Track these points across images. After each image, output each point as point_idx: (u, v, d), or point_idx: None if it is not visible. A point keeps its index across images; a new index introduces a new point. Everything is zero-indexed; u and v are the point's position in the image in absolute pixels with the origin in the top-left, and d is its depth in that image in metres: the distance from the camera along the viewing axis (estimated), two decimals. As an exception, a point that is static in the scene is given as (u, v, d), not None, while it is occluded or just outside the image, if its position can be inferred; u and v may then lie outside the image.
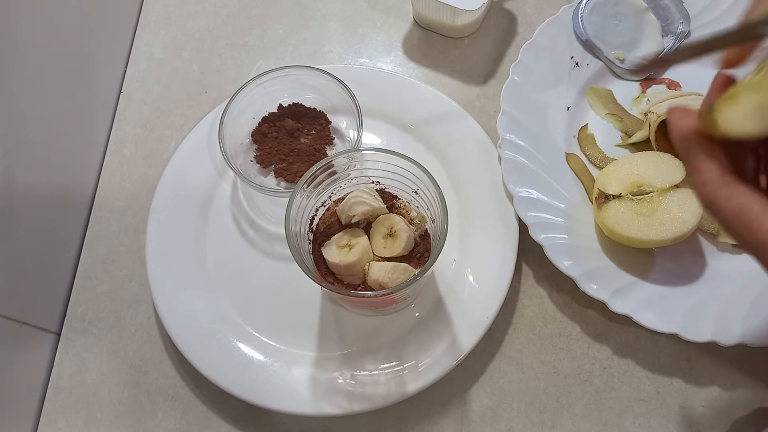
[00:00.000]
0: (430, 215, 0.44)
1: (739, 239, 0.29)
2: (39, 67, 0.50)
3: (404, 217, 0.45)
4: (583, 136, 0.54)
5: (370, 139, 0.56)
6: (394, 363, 0.47)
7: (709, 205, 0.30)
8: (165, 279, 0.50)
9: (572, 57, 0.56)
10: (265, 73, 0.51)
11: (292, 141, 0.54)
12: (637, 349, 0.50)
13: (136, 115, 0.60)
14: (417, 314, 0.49)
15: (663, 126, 0.51)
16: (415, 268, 0.43)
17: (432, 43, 0.62)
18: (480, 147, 0.53)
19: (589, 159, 0.54)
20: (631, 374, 0.49)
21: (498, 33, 0.63)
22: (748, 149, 0.32)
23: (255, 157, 0.54)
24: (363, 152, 0.43)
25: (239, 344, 0.48)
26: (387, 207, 0.45)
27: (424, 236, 0.45)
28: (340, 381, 0.46)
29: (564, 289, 0.51)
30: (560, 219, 0.50)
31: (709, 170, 0.29)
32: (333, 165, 0.42)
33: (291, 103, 0.55)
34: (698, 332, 0.45)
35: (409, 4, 0.63)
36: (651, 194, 0.47)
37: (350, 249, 0.42)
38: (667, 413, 0.48)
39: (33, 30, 0.49)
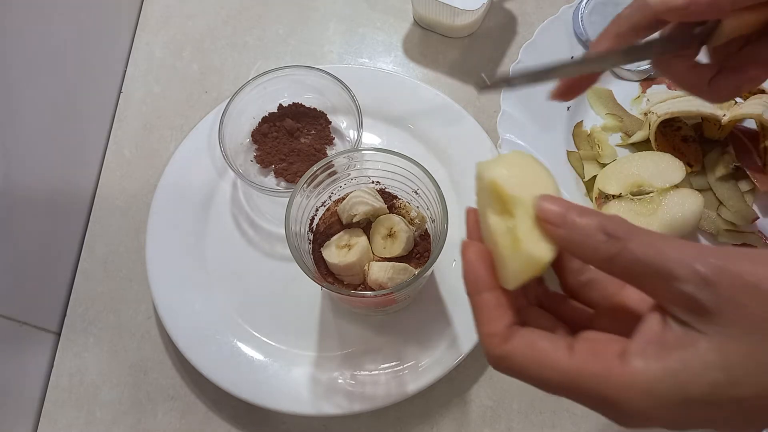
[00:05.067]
0: (430, 215, 0.44)
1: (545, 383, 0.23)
2: (39, 68, 0.50)
3: (404, 217, 0.45)
4: (578, 133, 0.54)
5: (370, 139, 0.56)
6: (394, 363, 0.47)
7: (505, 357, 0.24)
8: (165, 279, 0.50)
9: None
10: (265, 73, 0.51)
11: (292, 141, 0.54)
12: (637, 349, 0.50)
13: (136, 115, 0.60)
14: (417, 314, 0.49)
15: (663, 126, 0.52)
16: (415, 268, 0.43)
17: (432, 43, 0.62)
18: (480, 147, 0.53)
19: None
20: (631, 374, 0.49)
21: (498, 33, 0.62)
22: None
23: (255, 157, 0.54)
24: (363, 152, 0.43)
25: (239, 344, 0.48)
26: (387, 207, 0.45)
27: (424, 236, 0.45)
28: (340, 381, 0.46)
29: (564, 289, 0.51)
30: (560, 219, 0.50)
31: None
32: (333, 165, 0.42)
33: (291, 103, 0.55)
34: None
35: (409, 4, 0.63)
36: (651, 194, 0.47)
37: (350, 249, 0.42)
38: (667, 413, 0.48)
39: (33, 30, 0.49)
